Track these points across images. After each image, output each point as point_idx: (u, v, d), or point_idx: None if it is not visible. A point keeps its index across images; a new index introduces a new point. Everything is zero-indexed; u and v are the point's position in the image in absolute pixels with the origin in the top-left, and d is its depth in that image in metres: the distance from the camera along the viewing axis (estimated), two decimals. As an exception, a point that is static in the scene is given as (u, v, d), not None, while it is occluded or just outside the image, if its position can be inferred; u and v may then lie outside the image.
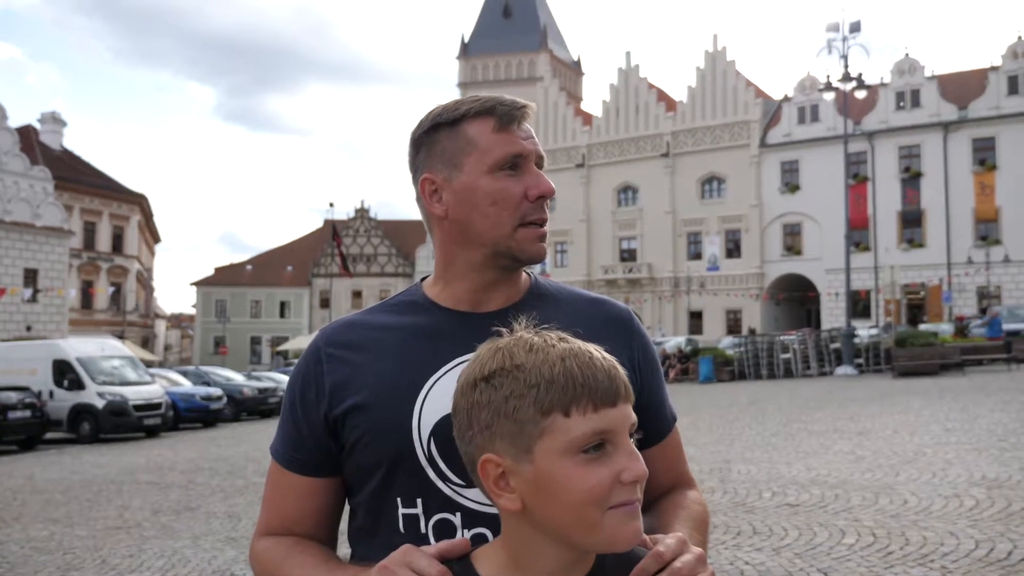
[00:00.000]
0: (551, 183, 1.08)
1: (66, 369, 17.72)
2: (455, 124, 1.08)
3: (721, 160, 49.09)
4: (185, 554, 5.98)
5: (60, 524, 7.48)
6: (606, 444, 0.83)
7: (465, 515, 1.01)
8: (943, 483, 6.59)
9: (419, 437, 1.03)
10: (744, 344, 28.55)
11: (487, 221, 1.07)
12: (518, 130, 1.08)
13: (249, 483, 9.45)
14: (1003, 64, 42.35)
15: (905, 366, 21.67)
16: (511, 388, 0.84)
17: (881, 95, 44.20)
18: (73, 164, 46.58)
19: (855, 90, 27.14)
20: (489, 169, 1.06)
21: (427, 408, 1.04)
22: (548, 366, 0.83)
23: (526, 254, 1.07)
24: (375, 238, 62.64)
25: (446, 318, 1.11)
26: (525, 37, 63.07)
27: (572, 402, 0.82)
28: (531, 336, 0.88)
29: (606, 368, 0.85)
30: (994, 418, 10.78)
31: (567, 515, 0.82)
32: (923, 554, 4.57)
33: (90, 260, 46.55)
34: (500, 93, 1.13)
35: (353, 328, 1.13)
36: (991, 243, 40.79)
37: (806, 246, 46.53)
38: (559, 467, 0.82)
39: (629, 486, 0.82)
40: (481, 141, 1.07)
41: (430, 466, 1.02)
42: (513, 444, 0.83)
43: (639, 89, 52.59)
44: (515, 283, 1.14)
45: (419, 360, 1.07)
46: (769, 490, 6.83)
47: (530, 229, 1.06)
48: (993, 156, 42.12)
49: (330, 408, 1.07)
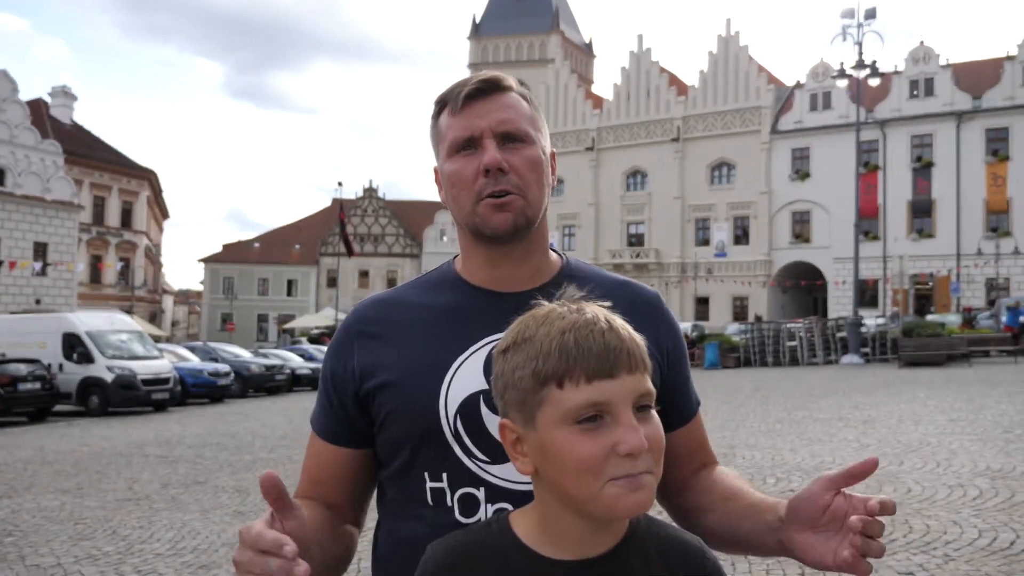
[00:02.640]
0: (495, 155, 1.07)
1: (75, 343, 17.85)
2: (437, 116, 1.15)
3: (731, 146, 48.85)
4: (194, 526, 6.06)
5: (71, 495, 7.58)
6: (605, 415, 0.84)
7: (488, 490, 1.05)
8: (947, 472, 6.62)
9: (446, 414, 1.06)
10: (750, 331, 28.56)
11: (455, 203, 1.12)
12: (474, 109, 1.10)
13: (256, 458, 9.55)
14: (1019, 54, 41.92)
15: (911, 356, 21.67)
16: (518, 360, 0.87)
17: (894, 83, 43.85)
18: (83, 138, 46.63)
19: (868, 78, 26.94)
20: (447, 154, 1.12)
21: (454, 386, 1.07)
22: (549, 339, 0.86)
23: (488, 227, 1.09)
24: (383, 218, 62.62)
25: (475, 297, 1.13)
26: (537, 18, 62.64)
27: (565, 374, 0.84)
28: (553, 307, 0.90)
29: (606, 340, 0.85)
30: (999, 409, 10.79)
31: (566, 482, 0.85)
32: (926, 542, 4.61)
33: (99, 235, 46.70)
34: (506, 72, 1.15)
35: (384, 306, 1.16)
36: (1001, 235, 40.58)
37: (815, 234, 46.37)
38: (556, 436, 0.84)
39: (627, 459, 0.82)
40: (443, 129, 1.13)
41: (456, 442, 1.06)
42: (520, 412, 0.87)
43: (650, 73, 52.27)
44: (536, 261, 1.15)
45: (447, 339, 1.10)
46: (773, 476, 6.87)
47: (488, 200, 1.08)
48: (1006, 147, 41.81)
49: (360, 384, 1.11)
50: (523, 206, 1.09)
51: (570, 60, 59.43)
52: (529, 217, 1.10)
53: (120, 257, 47.90)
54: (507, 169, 1.08)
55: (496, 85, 1.12)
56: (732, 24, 51.00)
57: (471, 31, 63.66)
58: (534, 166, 1.11)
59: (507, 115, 1.10)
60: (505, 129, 1.10)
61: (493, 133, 1.09)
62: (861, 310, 29.04)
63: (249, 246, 64.22)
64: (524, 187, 1.09)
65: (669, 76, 52.46)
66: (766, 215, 47.56)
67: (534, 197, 1.11)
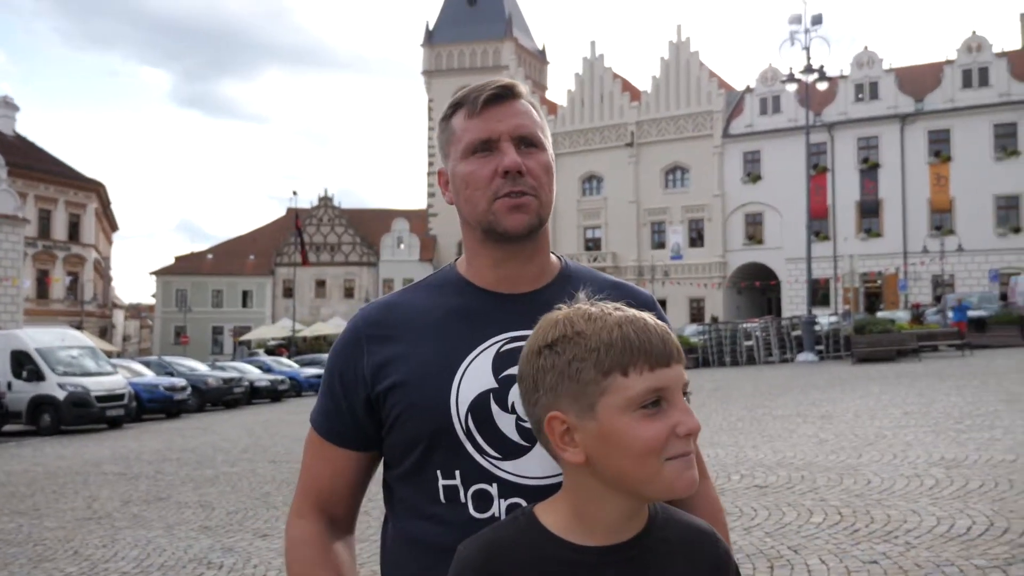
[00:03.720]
0: (516, 158, 1.11)
1: (24, 360, 17.36)
2: (448, 118, 1.19)
3: (684, 150, 49.54)
4: (160, 543, 5.95)
5: (27, 516, 7.38)
6: (662, 401, 0.91)
7: (501, 486, 1.08)
8: (904, 464, 6.81)
9: (457, 413, 1.09)
10: (708, 332, 28.95)
11: (468, 203, 1.15)
12: (492, 113, 1.14)
13: (219, 473, 9.40)
14: (958, 58, 43.30)
15: (864, 352, 22.19)
16: (574, 352, 0.92)
17: (840, 87, 44.93)
18: (26, 150, 45.40)
19: (816, 82, 27.58)
20: (463, 155, 1.15)
21: (464, 386, 1.10)
22: (607, 331, 0.92)
23: (502, 226, 1.12)
24: (339, 227, 62.07)
25: (481, 298, 1.17)
26: (490, 25, 62.82)
27: (630, 363, 0.90)
28: (588, 307, 0.96)
29: (660, 332, 0.93)
30: (950, 401, 11.12)
31: (629, 465, 0.90)
32: (887, 531, 4.74)
33: (45, 249, 45.48)
34: (465, 82, 1.20)
35: (391, 309, 1.19)
36: (945, 233, 41.80)
37: (767, 235, 47.22)
38: (620, 422, 0.90)
39: (684, 439, 0.90)
40: (457, 130, 1.16)
41: (468, 440, 1.09)
42: (576, 403, 0.92)
43: (604, 79, 52.78)
44: (540, 262, 1.19)
45: (456, 340, 1.13)
46: (738, 473, 6.99)
47: (503, 200, 1.12)
48: (948, 148, 43.12)
49: (372, 387, 1.14)
50: (538, 207, 1.14)
51: (524, 67, 59.73)
52: (542, 218, 1.15)
53: (68, 271, 46.70)
54: (524, 172, 1.12)
55: (512, 91, 1.16)
56: (683, 30, 51.72)
57: (424, 38, 63.57)
58: (547, 170, 1.15)
59: (523, 120, 1.15)
60: (521, 133, 1.14)
61: (511, 137, 1.13)
62: (814, 309, 29.66)
63: (202, 257, 63.12)
64: (539, 189, 1.14)
65: (622, 82, 53.04)
66: (720, 217, 48.30)
67: (546, 199, 1.15)
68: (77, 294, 47.52)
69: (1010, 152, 41.56)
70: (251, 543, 5.79)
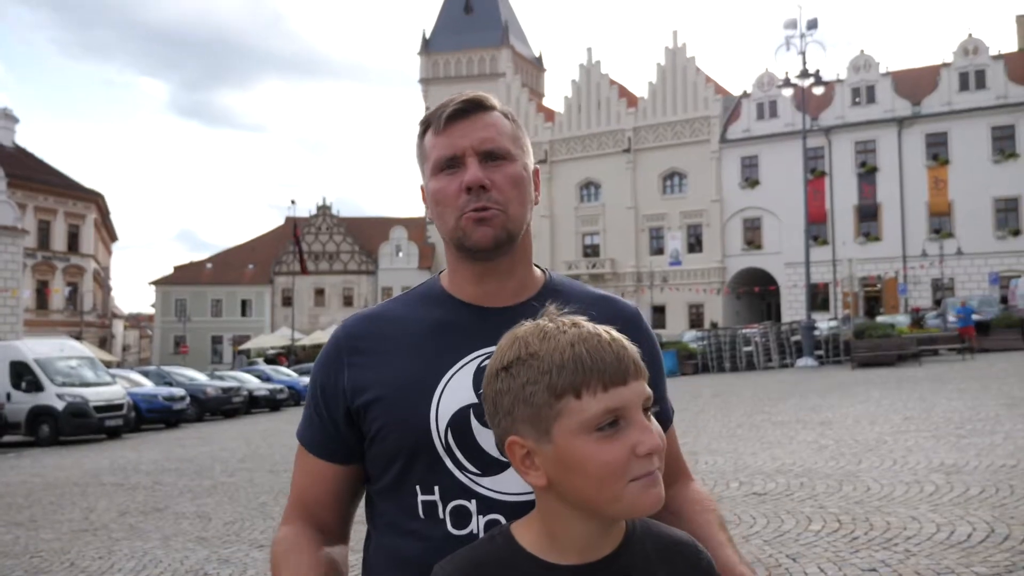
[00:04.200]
0: (477, 173, 1.10)
1: (23, 371, 17.34)
2: (421, 136, 1.19)
3: (682, 155, 49.59)
4: (156, 555, 5.92)
5: (24, 527, 7.35)
6: (619, 420, 0.88)
7: (480, 502, 1.06)
8: (904, 470, 6.78)
9: (436, 428, 1.08)
10: (707, 338, 28.94)
11: (439, 220, 1.15)
12: (456, 128, 1.13)
13: (217, 483, 9.37)
14: (954, 61, 43.39)
15: (864, 357, 22.16)
16: (527, 375, 0.90)
17: (837, 91, 45.01)
18: (26, 161, 45.44)
19: (813, 86, 27.63)
20: (432, 172, 1.15)
21: (444, 400, 1.09)
22: (559, 352, 0.89)
23: (470, 241, 1.12)
24: (337, 235, 62.08)
25: (462, 312, 1.16)
26: (487, 33, 62.95)
27: (582, 384, 0.88)
28: (546, 324, 0.94)
29: (615, 349, 0.90)
30: (950, 406, 11.10)
31: (589, 489, 0.88)
32: (887, 538, 4.72)
33: (45, 259, 45.46)
34: (462, 89, 1.20)
35: (373, 321, 1.18)
36: (944, 236, 41.82)
37: (766, 240, 47.24)
38: (576, 445, 0.88)
39: (645, 458, 0.87)
40: (427, 148, 1.17)
41: (447, 455, 1.07)
42: (533, 427, 0.90)
43: (600, 85, 52.88)
44: (520, 276, 1.18)
45: (437, 354, 1.12)
46: (736, 480, 6.97)
47: (469, 215, 1.11)
48: (945, 151, 43.16)
49: (352, 401, 1.13)
50: (504, 221, 1.12)
51: (521, 74, 59.82)
52: (511, 232, 1.13)
53: (67, 282, 46.68)
54: (489, 186, 1.11)
55: (478, 105, 1.15)
56: (679, 36, 51.92)
57: (421, 47, 63.69)
58: (516, 183, 1.14)
59: (488, 134, 1.13)
60: (486, 148, 1.13)
61: (475, 152, 1.12)
62: (813, 314, 29.65)
63: (201, 267, 63.12)
64: (505, 203, 1.12)
65: (619, 88, 53.14)
66: (718, 223, 48.32)
67: (516, 212, 1.13)
68: (77, 304, 47.49)
69: (1008, 154, 41.61)
70: (247, 554, 5.76)
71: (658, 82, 50.72)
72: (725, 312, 46.74)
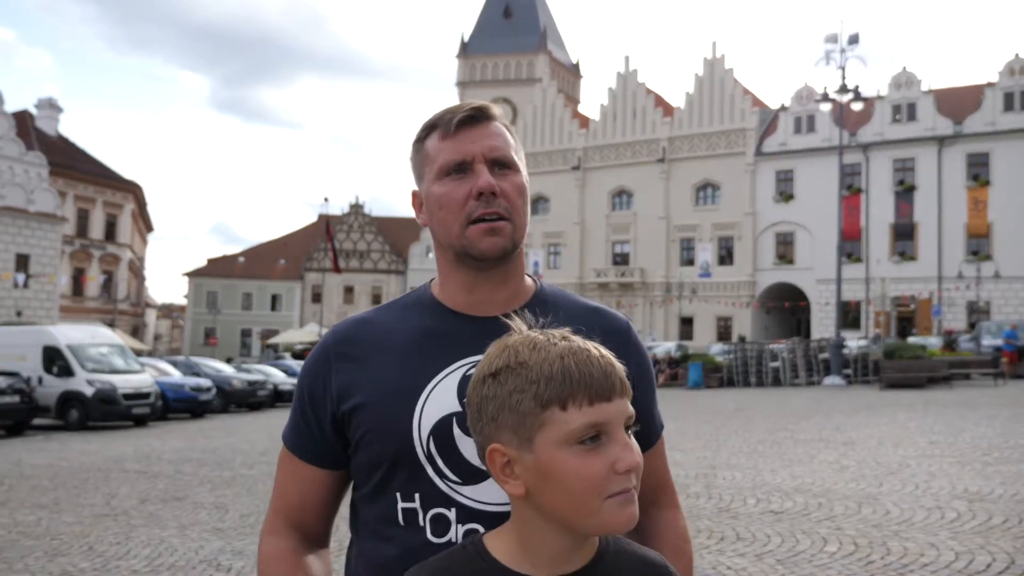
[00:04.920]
0: (490, 179, 1.10)
1: (55, 356, 17.68)
2: (422, 140, 1.18)
3: (716, 167, 49.25)
4: (172, 543, 6.00)
5: (47, 510, 7.50)
6: (601, 436, 0.89)
7: (460, 511, 1.06)
8: (926, 495, 6.66)
9: (419, 436, 1.08)
10: (734, 351, 28.67)
11: (441, 225, 1.14)
12: (466, 135, 1.13)
13: (237, 475, 9.47)
14: (1000, 80, 42.64)
15: (893, 378, 21.82)
16: (514, 384, 0.91)
17: (877, 107, 44.44)
18: (68, 151, 46.38)
19: (851, 102, 27.31)
20: (437, 177, 1.14)
21: (428, 409, 1.09)
22: (548, 363, 0.90)
23: (476, 250, 1.11)
24: (368, 234, 62.55)
25: (451, 320, 1.16)
26: (525, 38, 63.09)
27: (568, 396, 0.88)
28: (536, 335, 0.94)
29: (602, 365, 0.91)
30: (979, 432, 10.88)
31: (566, 501, 0.89)
32: (903, 564, 4.64)
33: (82, 247, 46.36)
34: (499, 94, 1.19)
35: (361, 327, 1.18)
36: (982, 258, 41.05)
37: (798, 255, 46.73)
38: (557, 457, 0.88)
39: (623, 475, 0.88)
40: (432, 152, 1.15)
41: (429, 464, 1.08)
42: (516, 435, 0.90)
43: (637, 94, 52.72)
44: (513, 286, 1.18)
45: (422, 362, 1.12)
46: (754, 497, 6.89)
47: (478, 225, 1.11)
48: (987, 172, 42.40)
49: (338, 406, 1.13)
50: (512, 231, 1.13)
51: (557, 80, 59.84)
52: (516, 241, 1.14)
53: (103, 270, 47.55)
54: (499, 193, 1.11)
55: (486, 113, 1.15)
56: (717, 47, 51.67)
57: (459, 50, 64.01)
58: (521, 192, 1.15)
59: (497, 142, 1.14)
60: (496, 156, 1.13)
61: (485, 159, 1.12)
62: (843, 332, 29.26)
63: (234, 260, 63.91)
64: (512, 212, 1.13)
65: (655, 97, 52.93)
66: (750, 236, 47.91)
67: (520, 223, 1.14)
68: (111, 293, 48.34)
69: (1051, 178, 40.76)
70: (262, 547, 5.82)
71: (695, 92, 50.45)
72: (754, 326, 46.30)
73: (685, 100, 50.81)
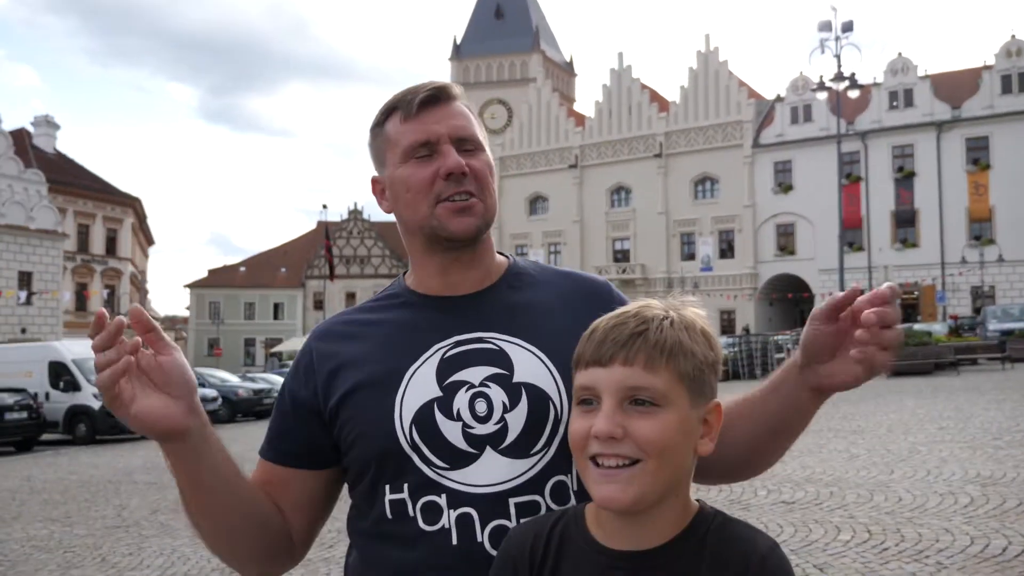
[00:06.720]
0: (459, 159, 1.09)
1: (61, 371, 17.70)
2: (380, 124, 1.16)
3: (714, 160, 49.21)
4: (184, 552, 6.00)
5: (59, 523, 7.50)
6: (593, 400, 0.90)
7: (450, 496, 1.05)
8: (938, 481, 6.64)
9: (401, 427, 1.06)
10: (738, 344, 28.63)
11: (408, 208, 1.12)
12: (429, 115, 1.11)
13: (247, 484, 9.46)
14: (996, 63, 42.57)
15: (899, 365, 21.74)
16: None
17: (874, 95, 44.37)
18: (66, 167, 46.46)
19: (848, 90, 27.26)
20: (401, 159, 1.12)
21: (408, 398, 1.07)
22: (606, 320, 0.95)
23: (447, 230, 1.09)
24: (368, 240, 62.59)
25: (425, 307, 1.15)
26: (518, 38, 63.08)
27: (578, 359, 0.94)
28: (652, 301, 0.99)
29: (614, 333, 0.91)
30: (988, 416, 10.85)
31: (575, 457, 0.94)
32: (918, 550, 4.62)
33: (84, 262, 46.42)
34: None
35: (340, 324, 1.18)
36: (985, 243, 40.98)
37: (799, 246, 46.68)
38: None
39: (596, 440, 0.88)
40: (393, 135, 1.13)
41: (414, 452, 1.06)
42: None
43: (632, 90, 52.68)
44: (486, 264, 1.17)
45: (398, 353, 1.10)
46: (764, 488, 6.87)
47: (446, 204, 1.09)
48: (987, 155, 42.33)
49: (324, 405, 1.12)
50: (483, 210, 1.12)
51: (552, 79, 59.82)
52: (487, 220, 1.13)
53: (105, 284, 47.61)
54: (468, 172, 1.10)
55: (447, 93, 1.13)
56: (711, 40, 51.45)
57: (452, 52, 64.02)
58: (489, 171, 1.14)
59: (462, 121, 1.12)
60: (461, 135, 1.12)
61: (451, 138, 1.10)
62: (848, 320, 29.10)
63: (235, 270, 64.01)
64: (483, 191, 1.12)
65: (650, 92, 52.90)
66: (750, 228, 47.86)
67: (491, 202, 1.13)
68: (114, 307, 48.37)
69: (1051, 160, 40.69)
70: (275, 555, 5.81)
71: (690, 86, 50.41)
72: (757, 318, 46.25)
73: (680, 94, 50.78)
